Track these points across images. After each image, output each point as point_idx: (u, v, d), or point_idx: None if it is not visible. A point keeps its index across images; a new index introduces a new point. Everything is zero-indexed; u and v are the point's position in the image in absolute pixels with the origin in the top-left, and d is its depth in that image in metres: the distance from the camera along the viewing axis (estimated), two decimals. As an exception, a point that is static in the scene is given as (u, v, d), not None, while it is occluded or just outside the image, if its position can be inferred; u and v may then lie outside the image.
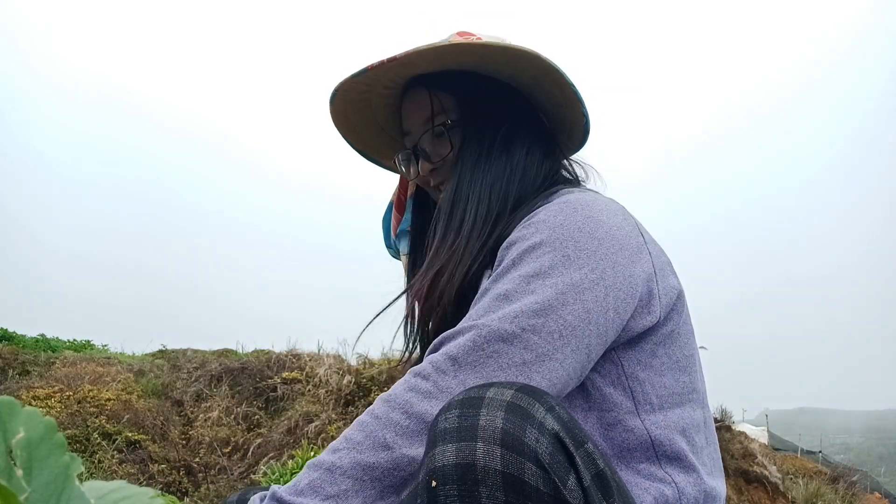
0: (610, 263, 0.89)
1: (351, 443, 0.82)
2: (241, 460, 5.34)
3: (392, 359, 6.35)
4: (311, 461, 0.84)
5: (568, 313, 0.85)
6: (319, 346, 6.68)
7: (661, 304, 0.95)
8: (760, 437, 10.72)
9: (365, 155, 1.29)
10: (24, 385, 5.47)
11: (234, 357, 6.72)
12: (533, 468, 0.67)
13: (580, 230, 0.90)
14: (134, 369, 6.23)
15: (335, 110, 1.17)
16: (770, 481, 6.74)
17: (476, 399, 0.71)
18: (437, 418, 0.73)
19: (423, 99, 1.11)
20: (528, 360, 0.83)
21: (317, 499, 0.79)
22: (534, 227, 0.92)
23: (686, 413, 0.95)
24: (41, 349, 7.11)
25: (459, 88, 1.10)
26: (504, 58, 1.05)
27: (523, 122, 1.11)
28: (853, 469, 10.34)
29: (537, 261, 0.88)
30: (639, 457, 0.91)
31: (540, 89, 1.10)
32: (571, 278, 0.87)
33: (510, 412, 0.69)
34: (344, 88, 1.12)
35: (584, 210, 0.93)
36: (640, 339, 0.94)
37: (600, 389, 0.92)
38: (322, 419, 5.59)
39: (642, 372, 0.93)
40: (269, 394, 6.04)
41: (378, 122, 1.22)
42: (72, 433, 4.89)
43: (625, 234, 0.94)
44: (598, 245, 0.90)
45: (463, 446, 0.68)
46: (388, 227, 1.37)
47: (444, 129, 1.10)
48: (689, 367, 0.98)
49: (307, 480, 0.81)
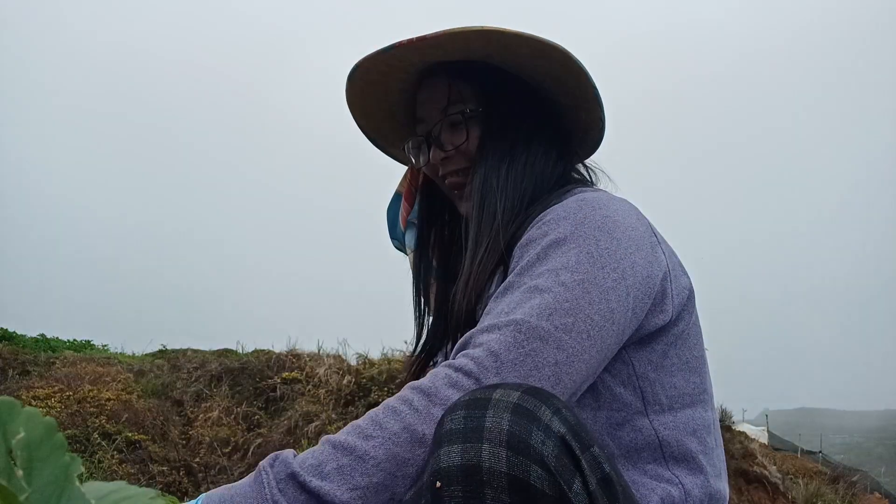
0: (629, 263, 0.90)
1: (387, 432, 0.77)
2: (241, 460, 5.34)
3: (392, 358, 6.35)
4: (335, 439, 0.78)
5: (595, 312, 0.85)
6: (319, 346, 6.70)
7: (674, 303, 0.95)
8: (760, 437, 10.74)
9: (371, 138, 1.26)
10: (24, 385, 5.47)
11: (234, 357, 6.72)
12: (539, 471, 0.66)
13: (600, 229, 0.91)
14: (134, 369, 6.23)
15: (352, 89, 1.14)
16: (770, 481, 6.75)
17: (482, 400, 0.71)
18: (443, 419, 0.72)
19: (442, 87, 1.09)
20: (560, 360, 0.82)
21: (344, 487, 0.74)
22: (555, 222, 0.92)
23: (697, 414, 0.95)
24: (41, 349, 7.11)
25: (480, 80, 1.08)
26: (532, 51, 1.03)
27: (542, 121, 1.10)
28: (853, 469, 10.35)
29: (564, 256, 0.88)
30: (646, 457, 0.90)
31: (561, 89, 1.09)
32: (596, 277, 0.87)
33: (516, 414, 0.68)
34: (366, 66, 1.09)
35: (601, 209, 0.93)
36: (651, 338, 0.94)
37: (610, 389, 0.91)
38: (322, 419, 5.59)
39: (653, 372, 0.93)
40: (269, 394, 6.04)
41: (390, 105, 1.19)
42: (72, 433, 4.89)
43: (640, 234, 0.94)
44: (618, 245, 0.90)
45: (468, 447, 0.67)
46: (392, 219, 1.37)
47: (462, 118, 1.08)
48: (700, 368, 0.98)
49: (335, 464, 0.75)
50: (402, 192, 1.34)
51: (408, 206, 1.30)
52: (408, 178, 1.31)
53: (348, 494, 0.74)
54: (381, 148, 1.29)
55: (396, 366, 6.11)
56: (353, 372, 6.15)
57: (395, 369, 6.06)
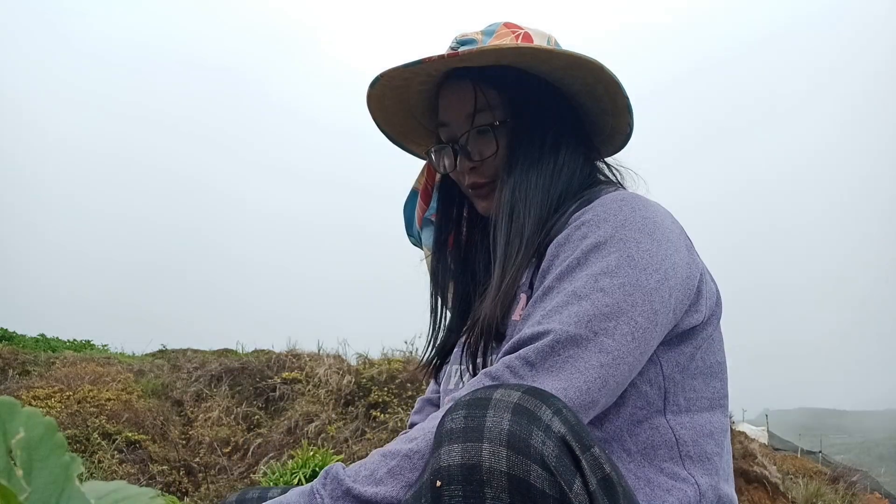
0: (671, 264, 0.90)
1: (429, 433, 0.80)
2: (241, 460, 5.34)
3: (392, 359, 6.35)
4: (384, 449, 0.82)
5: (639, 315, 0.86)
6: (319, 346, 6.70)
7: (707, 305, 0.96)
8: (760, 437, 10.73)
9: (391, 138, 1.24)
10: (24, 385, 5.48)
11: (234, 357, 6.72)
12: (539, 471, 0.66)
13: (640, 231, 0.90)
14: (134, 369, 6.23)
15: (374, 93, 1.12)
16: (770, 481, 6.75)
17: (483, 400, 0.71)
18: (444, 418, 0.72)
19: (467, 92, 1.06)
20: (605, 362, 0.83)
21: (398, 486, 0.78)
22: (594, 224, 0.92)
23: (715, 418, 0.96)
24: (41, 349, 7.11)
25: (506, 85, 1.06)
26: (566, 63, 1.02)
27: (568, 125, 1.08)
28: (853, 469, 10.33)
29: (603, 260, 0.88)
30: (663, 455, 0.90)
31: (589, 95, 1.07)
32: (638, 279, 0.87)
33: (517, 414, 0.69)
34: (389, 75, 1.07)
35: (641, 210, 0.93)
36: (681, 340, 0.94)
37: (637, 387, 0.91)
38: (322, 419, 5.59)
39: (679, 374, 0.94)
40: (269, 394, 6.04)
41: (410, 106, 1.17)
42: (72, 433, 4.89)
43: (676, 235, 0.95)
44: (658, 246, 0.90)
45: (469, 447, 0.67)
46: (409, 216, 1.36)
47: (490, 129, 1.06)
48: (721, 374, 0.99)
49: (385, 469, 0.79)
50: (418, 189, 1.32)
51: (424, 204, 1.28)
52: (425, 176, 1.29)
53: (404, 492, 0.78)
54: (399, 144, 1.26)
55: (396, 366, 6.11)
56: (353, 372, 6.15)
57: (395, 369, 6.06)
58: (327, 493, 0.79)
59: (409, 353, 6.45)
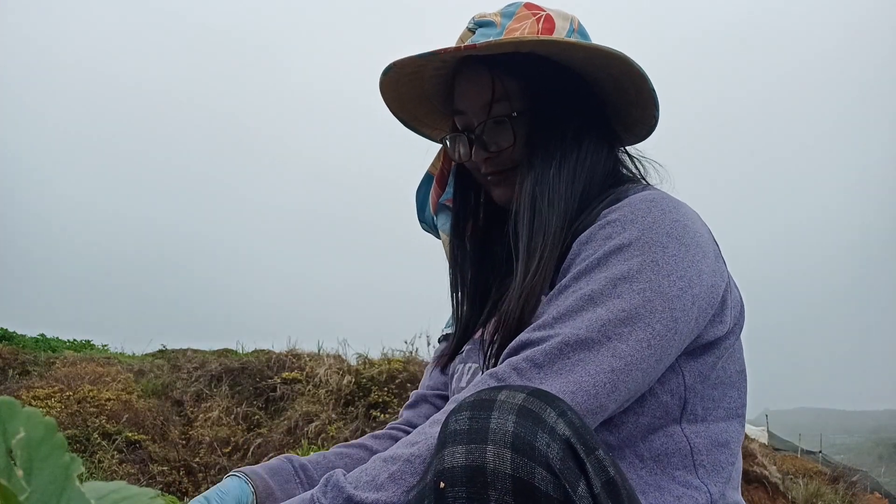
0: (696, 272, 0.87)
1: (429, 437, 0.80)
2: (241, 460, 5.34)
3: (392, 359, 6.34)
4: (384, 454, 0.81)
5: (657, 321, 0.83)
6: (319, 346, 6.69)
7: (732, 315, 0.94)
8: (760, 437, 10.72)
9: (405, 122, 1.20)
10: (24, 385, 5.48)
11: (234, 357, 6.72)
12: (543, 473, 0.66)
13: (669, 234, 0.87)
14: (134, 369, 6.23)
15: (387, 80, 1.08)
16: (770, 481, 6.75)
17: (487, 402, 0.70)
18: (448, 420, 0.71)
19: (484, 80, 1.02)
20: (617, 367, 0.81)
21: (399, 491, 0.77)
22: (621, 224, 0.89)
23: (731, 427, 0.94)
24: (41, 349, 7.11)
25: (526, 74, 1.01)
26: (588, 55, 0.99)
27: (591, 116, 1.04)
28: (853, 469, 10.33)
29: (625, 263, 0.85)
30: (676, 463, 0.89)
31: (614, 86, 1.03)
32: (660, 285, 0.84)
33: (521, 416, 0.68)
34: (402, 63, 1.03)
35: (671, 213, 0.90)
36: (705, 350, 0.92)
37: (657, 396, 0.89)
38: (322, 419, 5.59)
39: (700, 384, 0.91)
40: (269, 394, 6.04)
41: (424, 90, 1.13)
42: (72, 433, 4.89)
43: (706, 240, 0.92)
44: (686, 252, 0.87)
45: (473, 448, 0.67)
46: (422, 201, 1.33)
47: (507, 120, 1.01)
48: (740, 383, 0.97)
49: (386, 474, 0.78)
50: (433, 173, 1.29)
51: (439, 188, 1.26)
52: (441, 160, 1.26)
53: (405, 497, 0.77)
54: (413, 128, 1.21)
55: (396, 366, 6.11)
56: (353, 372, 6.15)
57: (395, 369, 6.05)
58: (328, 500, 0.78)
59: (409, 354, 6.45)
